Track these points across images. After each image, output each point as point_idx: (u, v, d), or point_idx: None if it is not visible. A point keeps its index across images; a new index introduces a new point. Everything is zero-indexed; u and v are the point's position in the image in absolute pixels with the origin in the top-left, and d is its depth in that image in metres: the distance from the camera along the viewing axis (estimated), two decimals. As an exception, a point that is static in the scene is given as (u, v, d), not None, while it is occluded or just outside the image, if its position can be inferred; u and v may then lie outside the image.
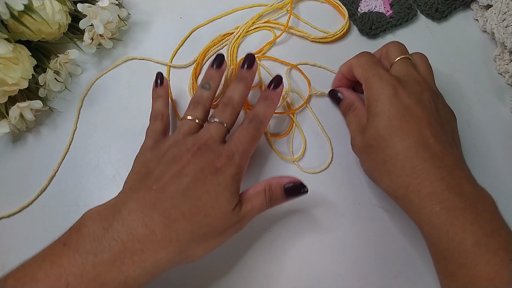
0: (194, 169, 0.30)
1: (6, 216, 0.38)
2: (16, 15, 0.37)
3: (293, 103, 0.42)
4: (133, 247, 0.27)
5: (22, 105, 0.38)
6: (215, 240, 0.30)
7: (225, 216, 0.30)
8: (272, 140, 0.41)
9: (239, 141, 0.32)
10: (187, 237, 0.28)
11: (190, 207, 0.29)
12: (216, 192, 0.29)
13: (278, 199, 0.33)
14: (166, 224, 0.28)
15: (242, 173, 0.31)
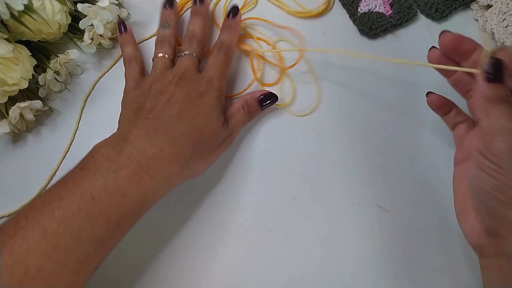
0: (181, 96, 0.34)
1: (6, 216, 0.38)
2: (16, 15, 0.37)
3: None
4: (147, 163, 0.30)
5: (22, 105, 0.38)
6: (212, 155, 0.35)
7: (217, 131, 0.34)
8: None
9: (214, 67, 0.37)
10: (190, 152, 0.32)
11: (187, 127, 0.33)
12: (206, 112, 0.34)
13: (256, 110, 0.39)
14: (170, 143, 0.31)
15: (223, 95, 0.36)
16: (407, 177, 0.39)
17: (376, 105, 0.43)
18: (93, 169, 0.29)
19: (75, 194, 0.28)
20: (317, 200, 0.38)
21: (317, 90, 0.43)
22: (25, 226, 0.27)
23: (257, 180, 0.39)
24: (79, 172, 0.30)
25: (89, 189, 0.28)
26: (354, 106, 0.42)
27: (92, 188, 0.28)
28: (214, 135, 0.34)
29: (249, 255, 0.37)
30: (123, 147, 0.31)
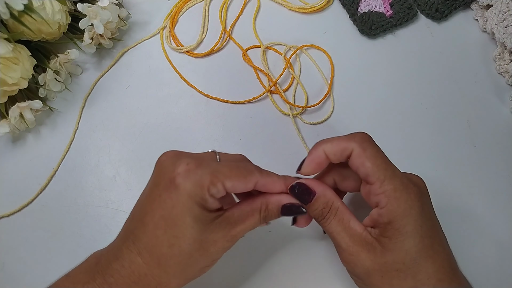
0: (147, 187, 0.28)
1: (6, 216, 0.38)
2: (16, 15, 0.37)
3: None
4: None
5: (22, 105, 0.38)
6: (197, 272, 0.28)
7: (197, 240, 0.26)
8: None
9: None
10: (150, 278, 0.26)
11: (151, 237, 0.26)
12: (172, 216, 0.26)
13: (273, 217, 0.29)
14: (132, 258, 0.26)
15: (205, 193, 0.26)
16: (407, 177, 0.39)
17: (375, 105, 0.43)
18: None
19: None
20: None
21: (332, 101, 0.43)
22: None
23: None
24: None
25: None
26: (354, 106, 0.42)
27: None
28: (191, 245, 0.26)
29: (249, 255, 0.37)
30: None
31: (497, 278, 0.36)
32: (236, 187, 0.27)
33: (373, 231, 0.27)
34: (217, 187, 0.26)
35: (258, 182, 0.28)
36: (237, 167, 0.27)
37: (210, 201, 0.26)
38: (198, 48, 0.45)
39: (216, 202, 0.27)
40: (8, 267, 0.37)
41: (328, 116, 0.42)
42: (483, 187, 0.39)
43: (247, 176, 0.27)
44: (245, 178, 0.27)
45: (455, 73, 0.44)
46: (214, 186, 0.26)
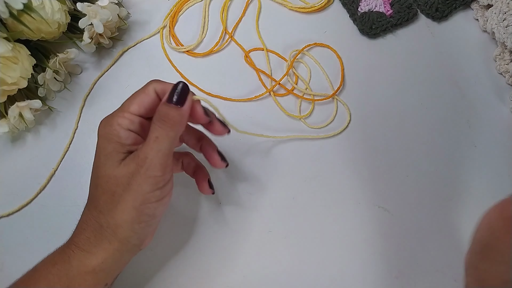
0: None
1: (5, 215, 0.38)
2: (15, 14, 0.36)
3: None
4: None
5: (21, 105, 0.38)
6: (124, 202, 0.28)
7: (108, 174, 0.28)
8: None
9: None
10: (91, 201, 0.30)
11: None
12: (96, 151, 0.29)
13: (170, 115, 0.28)
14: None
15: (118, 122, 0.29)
16: (407, 177, 0.39)
17: (375, 104, 0.43)
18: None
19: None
20: (317, 200, 0.38)
21: (336, 104, 0.43)
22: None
23: (257, 180, 0.39)
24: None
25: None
26: (354, 105, 0.42)
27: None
28: (108, 182, 0.28)
29: (249, 255, 0.37)
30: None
31: None
32: (142, 103, 0.30)
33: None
34: (126, 116, 0.29)
35: (156, 88, 0.30)
36: (136, 92, 0.31)
37: (122, 134, 0.29)
38: (198, 48, 0.45)
39: (132, 135, 0.29)
40: (7, 267, 0.36)
41: (331, 120, 0.42)
42: (483, 187, 0.39)
43: (145, 90, 0.30)
44: (143, 92, 0.30)
45: (455, 73, 0.44)
46: (123, 118, 0.29)
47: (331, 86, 0.43)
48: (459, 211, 0.38)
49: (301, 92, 0.43)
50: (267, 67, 0.44)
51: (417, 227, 0.38)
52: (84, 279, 0.28)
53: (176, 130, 0.28)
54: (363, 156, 0.40)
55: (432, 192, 0.39)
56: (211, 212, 0.38)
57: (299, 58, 0.44)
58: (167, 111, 0.28)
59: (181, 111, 0.28)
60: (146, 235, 0.30)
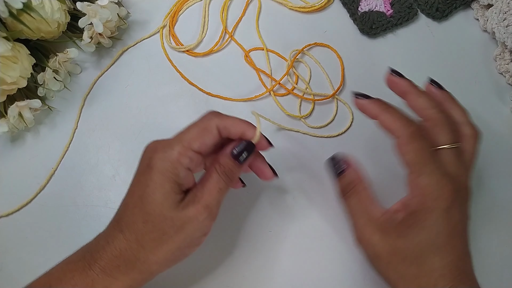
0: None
1: (5, 215, 0.38)
2: (15, 14, 0.36)
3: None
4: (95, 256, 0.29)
5: (21, 104, 0.38)
6: (170, 243, 0.28)
7: (165, 215, 0.27)
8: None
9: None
10: (129, 242, 0.28)
11: (130, 209, 0.29)
12: (148, 189, 0.28)
13: (233, 169, 0.30)
14: (118, 229, 0.29)
15: (180, 164, 0.28)
16: (407, 177, 0.39)
17: (376, 105, 0.42)
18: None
19: None
20: (318, 200, 0.38)
21: (336, 103, 0.43)
22: None
23: (257, 180, 0.39)
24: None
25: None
26: (355, 107, 0.42)
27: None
28: (163, 222, 0.27)
29: (249, 255, 0.37)
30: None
31: (498, 277, 0.36)
32: (205, 142, 0.29)
33: (398, 215, 0.29)
34: (187, 155, 0.28)
35: (219, 126, 0.29)
36: (196, 125, 0.29)
37: (182, 173, 0.28)
38: (198, 47, 0.45)
39: (190, 175, 0.29)
40: (7, 267, 0.36)
41: (331, 119, 0.42)
42: (483, 187, 0.39)
43: (207, 126, 0.29)
44: (205, 129, 0.29)
45: (455, 73, 0.44)
46: (184, 156, 0.28)
47: (331, 86, 0.43)
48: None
49: (301, 92, 0.43)
50: (267, 67, 0.44)
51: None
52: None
53: (232, 185, 0.30)
54: (363, 156, 0.40)
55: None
56: (211, 212, 0.38)
57: (299, 58, 0.44)
58: (232, 168, 0.29)
59: (243, 168, 0.30)
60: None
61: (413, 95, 0.32)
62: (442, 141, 0.30)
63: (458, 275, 0.27)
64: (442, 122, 0.30)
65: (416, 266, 0.28)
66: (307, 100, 0.42)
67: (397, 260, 0.28)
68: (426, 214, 0.27)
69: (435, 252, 0.27)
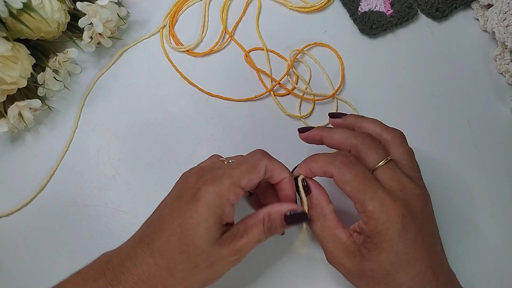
0: (169, 198, 0.30)
1: (4, 215, 0.38)
2: (15, 13, 0.36)
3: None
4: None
5: (20, 104, 0.38)
6: (198, 276, 0.28)
7: (203, 251, 0.27)
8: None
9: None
10: (162, 272, 0.27)
11: (166, 242, 0.28)
12: (191, 224, 0.27)
13: (278, 228, 0.30)
14: (146, 257, 0.28)
15: (226, 199, 0.28)
16: (408, 177, 0.39)
17: (375, 104, 0.42)
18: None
19: None
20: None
21: (336, 103, 0.43)
22: None
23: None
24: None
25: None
26: (356, 105, 0.42)
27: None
28: (199, 255, 0.27)
29: (249, 255, 0.36)
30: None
31: (497, 277, 0.36)
32: (252, 180, 0.29)
33: (359, 238, 0.29)
34: (236, 191, 0.28)
35: (267, 167, 0.30)
36: (246, 162, 0.29)
37: (227, 209, 0.28)
38: (198, 47, 0.45)
39: (233, 211, 0.29)
40: (7, 267, 0.36)
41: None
42: (483, 187, 0.39)
43: (257, 165, 0.29)
44: (255, 167, 0.29)
45: (455, 73, 0.44)
46: (233, 192, 0.28)
47: (331, 86, 0.43)
48: (458, 211, 0.38)
49: (301, 92, 0.43)
50: (267, 67, 0.44)
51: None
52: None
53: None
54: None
55: (432, 192, 0.39)
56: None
57: (299, 58, 0.44)
58: (279, 228, 0.30)
59: (284, 225, 0.30)
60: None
61: (327, 137, 0.32)
62: (372, 162, 0.30)
63: (428, 282, 0.28)
64: (364, 145, 0.30)
65: (384, 283, 0.28)
66: (307, 100, 0.42)
67: (367, 278, 0.29)
68: (380, 238, 0.28)
69: (398, 270, 0.28)
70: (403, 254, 0.28)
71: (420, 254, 0.28)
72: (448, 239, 0.37)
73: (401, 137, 0.32)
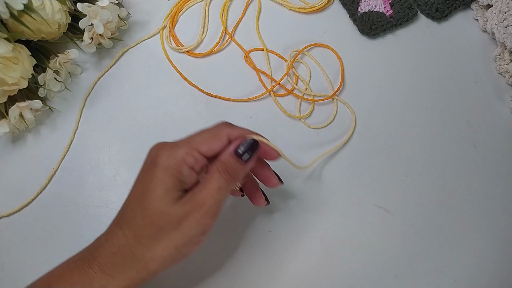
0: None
1: (5, 216, 0.38)
2: (15, 15, 0.36)
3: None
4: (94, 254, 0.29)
5: (21, 105, 0.38)
6: (166, 240, 0.28)
7: (162, 211, 0.27)
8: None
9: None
10: (127, 236, 0.28)
11: (128, 204, 0.29)
12: (148, 184, 0.28)
13: (237, 168, 0.29)
14: (118, 226, 0.29)
15: (181, 166, 0.28)
16: (407, 177, 0.39)
17: (375, 105, 0.43)
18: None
19: None
20: (317, 200, 0.38)
21: (336, 104, 0.43)
22: None
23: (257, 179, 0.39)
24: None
25: None
26: (353, 106, 0.42)
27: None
28: (161, 217, 0.27)
29: (249, 255, 0.37)
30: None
31: (497, 277, 0.36)
32: (212, 147, 0.29)
33: None
34: (193, 155, 0.28)
35: (230, 135, 0.30)
36: (207, 131, 0.30)
37: (186, 171, 0.28)
38: (198, 48, 0.45)
39: (193, 174, 0.29)
40: (8, 267, 0.37)
41: (331, 120, 0.42)
42: (483, 187, 0.39)
43: (218, 133, 0.29)
44: (215, 135, 0.29)
45: (455, 73, 0.44)
46: (190, 155, 0.28)
47: (331, 86, 0.43)
48: (459, 211, 0.38)
49: (301, 92, 0.43)
50: (267, 67, 0.44)
51: (417, 227, 0.38)
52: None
53: (236, 182, 0.30)
54: (363, 156, 0.40)
55: (432, 192, 0.39)
56: (211, 212, 0.38)
57: (299, 58, 0.44)
58: (235, 166, 0.29)
59: (246, 168, 0.29)
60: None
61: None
62: None
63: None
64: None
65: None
66: (307, 100, 0.42)
67: None
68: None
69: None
70: None
71: None
72: (448, 239, 0.37)
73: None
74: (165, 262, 0.28)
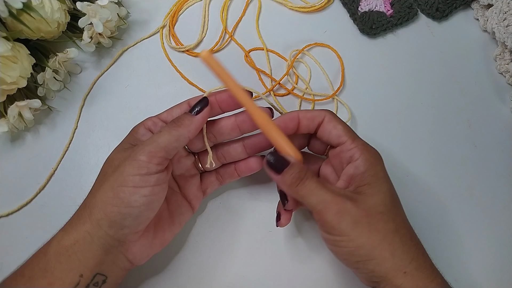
0: None
1: (4, 215, 0.38)
2: (14, 13, 0.36)
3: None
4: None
5: (20, 104, 0.38)
6: (110, 181, 0.29)
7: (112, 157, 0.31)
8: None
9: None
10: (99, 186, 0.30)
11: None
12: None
13: (184, 118, 0.31)
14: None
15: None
16: (407, 177, 0.39)
17: (375, 104, 0.42)
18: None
19: None
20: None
21: (336, 104, 0.43)
22: None
23: (257, 180, 0.39)
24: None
25: None
26: (353, 105, 0.42)
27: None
28: (109, 162, 0.31)
29: (249, 255, 0.37)
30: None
31: (498, 277, 0.36)
32: (171, 113, 0.33)
33: (349, 190, 0.30)
34: (152, 119, 0.33)
35: (189, 103, 0.33)
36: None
37: (141, 131, 0.32)
38: (198, 47, 0.45)
39: (148, 134, 0.32)
40: (7, 267, 0.36)
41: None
42: (483, 187, 0.39)
43: (180, 104, 0.33)
44: (178, 105, 0.33)
45: (455, 73, 0.44)
46: (149, 120, 0.33)
47: (331, 86, 0.43)
48: (459, 211, 0.38)
49: (301, 92, 0.43)
50: (267, 67, 0.44)
51: (417, 227, 0.38)
52: (58, 261, 0.28)
53: (180, 131, 0.30)
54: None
55: (432, 192, 0.39)
56: (211, 212, 0.38)
57: (299, 58, 0.44)
58: (181, 116, 0.31)
59: (192, 118, 0.31)
60: (121, 229, 0.28)
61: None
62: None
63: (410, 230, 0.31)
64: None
65: (392, 219, 0.28)
66: (307, 100, 0.42)
67: (376, 219, 0.28)
68: (378, 167, 0.30)
69: (397, 205, 0.30)
70: (395, 195, 0.30)
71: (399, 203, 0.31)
72: (447, 239, 0.37)
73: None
74: (104, 206, 0.28)
